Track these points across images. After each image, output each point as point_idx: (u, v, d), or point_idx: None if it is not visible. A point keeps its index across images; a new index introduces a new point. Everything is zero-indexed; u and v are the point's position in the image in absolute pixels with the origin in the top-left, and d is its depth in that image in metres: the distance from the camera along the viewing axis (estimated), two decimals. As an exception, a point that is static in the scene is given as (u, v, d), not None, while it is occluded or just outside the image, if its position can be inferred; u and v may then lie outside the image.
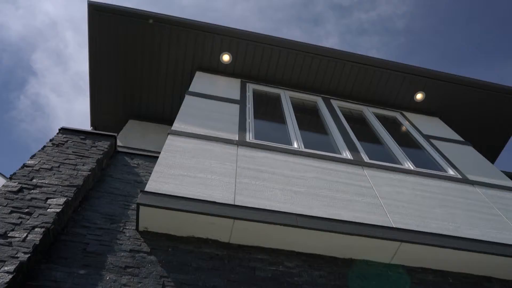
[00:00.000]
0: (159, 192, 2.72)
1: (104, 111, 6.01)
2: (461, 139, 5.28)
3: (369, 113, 5.47)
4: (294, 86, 5.68)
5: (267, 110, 5.03)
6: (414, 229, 3.00)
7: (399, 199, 3.40)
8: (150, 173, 3.35)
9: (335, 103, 5.49)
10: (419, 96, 5.90)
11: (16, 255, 2.02)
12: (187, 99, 4.44)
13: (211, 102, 4.52)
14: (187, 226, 2.69)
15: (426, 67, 5.74)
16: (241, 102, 4.69)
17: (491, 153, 6.51)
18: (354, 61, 5.56)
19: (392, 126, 5.39)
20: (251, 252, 2.71)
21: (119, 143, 5.14)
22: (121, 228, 2.65)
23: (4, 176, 7.31)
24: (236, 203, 2.81)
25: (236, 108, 4.50)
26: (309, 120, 5.04)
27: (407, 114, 5.81)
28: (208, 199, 2.77)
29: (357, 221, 2.93)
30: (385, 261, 2.92)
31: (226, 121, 4.11)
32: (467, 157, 4.75)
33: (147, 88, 5.74)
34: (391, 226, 2.96)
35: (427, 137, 5.04)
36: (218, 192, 2.90)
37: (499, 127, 6.26)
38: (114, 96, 5.84)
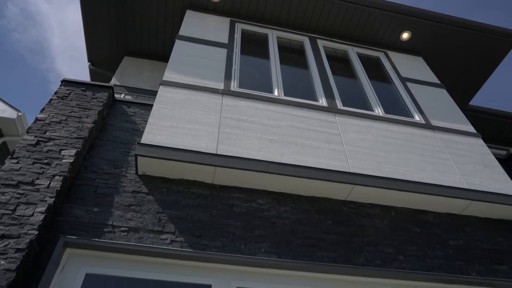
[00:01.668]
0: (153, 143, 3.24)
1: (99, 47, 6.21)
2: (437, 81, 5.62)
3: (353, 53, 5.71)
4: (282, 25, 5.80)
5: (254, 53, 5.27)
6: (368, 173, 3.59)
7: (362, 145, 3.93)
8: (146, 121, 3.83)
9: (321, 43, 5.69)
10: (405, 35, 6.05)
11: (44, 199, 2.63)
12: (177, 44, 4.69)
13: (200, 47, 4.77)
14: (177, 171, 3.28)
15: (414, 6, 5.80)
16: (229, 46, 4.93)
17: (468, 91, 6.87)
18: (343, 0, 5.60)
19: (373, 68, 5.67)
20: (230, 192, 3.34)
21: (116, 82, 5.51)
22: (124, 172, 3.24)
23: (4, 102, 7.68)
24: (218, 152, 3.35)
25: (223, 53, 4.77)
26: (294, 62, 5.32)
27: (391, 53, 6.03)
28: (194, 149, 3.30)
29: (320, 167, 3.50)
30: (341, 198, 3.57)
31: (214, 68, 4.44)
32: (438, 101, 5.16)
33: (139, 22, 5.86)
34: (348, 171, 3.55)
35: (404, 80, 5.37)
36: (203, 142, 3.42)
37: (480, 65, 6.49)
38: (107, 29, 5.98)
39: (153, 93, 5.43)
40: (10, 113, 7.11)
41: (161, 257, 2.72)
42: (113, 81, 5.58)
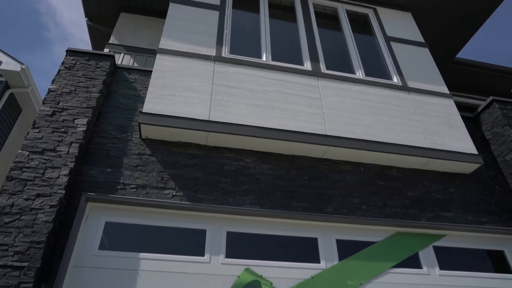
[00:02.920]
0: (154, 112, 3.72)
1: (95, 1, 6.34)
2: (421, 40, 5.86)
3: (342, 11, 5.87)
4: (274, -18, 5.88)
5: (245, 14, 5.46)
6: (341, 135, 4.10)
7: (340, 108, 4.39)
8: (145, 87, 4.25)
9: (311, 0, 5.82)
10: (395, -10, 6.14)
11: (66, 164, 3.19)
12: (172, 8, 4.90)
13: (193, 10, 4.99)
14: (176, 135, 3.79)
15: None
16: (221, 8, 5.13)
17: (456, 44, 7.08)
18: (334, -44, 5.63)
19: (360, 26, 5.87)
20: (221, 152, 3.90)
21: (115, 41, 5.78)
22: (129, 137, 3.76)
23: (6, 54, 7.90)
24: (211, 119, 3.84)
25: (215, 16, 5.00)
26: (284, 23, 5.52)
27: (381, 10, 6.17)
28: (190, 116, 3.79)
29: (299, 130, 4.01)
30: (317, 156, 4.13)
31: (206, 33, 4.72)
32: (418, 61, 5.48)
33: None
34: (324, 134, 4.06)
35: (389, 40, 5.63)
36: (197, 109, 3.89)
37: (469, 19, 6.64)
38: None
39: (151, 52, 5.73)
40: (14, 66, 7.39)
41: (165, 208, 3.36)
42: (112, 40, 5.83)
